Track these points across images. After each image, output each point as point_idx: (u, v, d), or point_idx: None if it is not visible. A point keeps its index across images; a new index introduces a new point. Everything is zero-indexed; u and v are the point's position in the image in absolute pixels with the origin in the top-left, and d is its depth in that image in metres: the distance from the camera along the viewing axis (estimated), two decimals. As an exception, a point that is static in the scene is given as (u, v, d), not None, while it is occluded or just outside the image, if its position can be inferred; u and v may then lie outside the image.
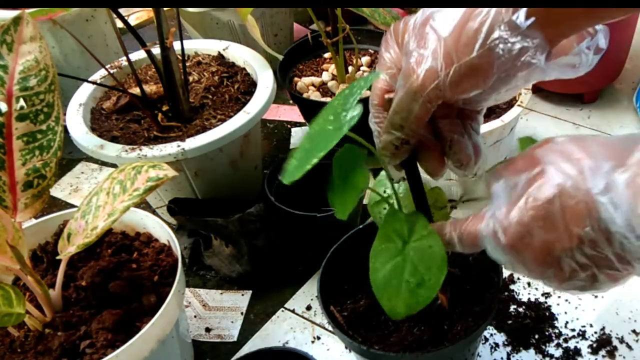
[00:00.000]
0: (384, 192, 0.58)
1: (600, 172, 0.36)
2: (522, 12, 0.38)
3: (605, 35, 0.44)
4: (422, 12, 0.44)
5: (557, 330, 0.76)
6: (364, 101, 0.43)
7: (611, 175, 0.36)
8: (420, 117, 0.44)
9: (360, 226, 0.70)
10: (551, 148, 0.40)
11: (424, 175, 0.51)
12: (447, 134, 0.47)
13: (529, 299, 0.79)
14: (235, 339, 0.82)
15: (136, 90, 0.92)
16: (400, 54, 0.46)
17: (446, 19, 0.41)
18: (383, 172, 0.57)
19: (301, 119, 1.18)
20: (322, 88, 1.08)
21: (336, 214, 0.49)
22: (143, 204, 1.01)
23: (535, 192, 0.39)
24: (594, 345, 0.74)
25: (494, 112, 0.90)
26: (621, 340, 0.74)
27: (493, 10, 0.39)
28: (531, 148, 0.41)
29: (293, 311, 0.85)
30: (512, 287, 0.81)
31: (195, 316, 0.86)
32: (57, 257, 0.64)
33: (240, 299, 0.88)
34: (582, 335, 0.75)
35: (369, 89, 0.46)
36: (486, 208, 0.44)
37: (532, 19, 0.38)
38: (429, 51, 0.41)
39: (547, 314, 0.78)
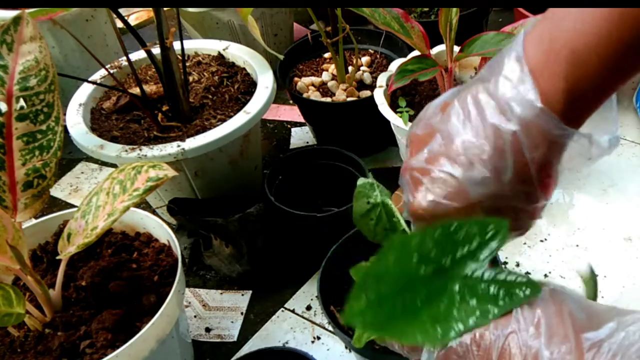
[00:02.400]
0: (368, 202, 0.58)
1: (557, 337, 0.35)
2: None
3: None
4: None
5: (557, 330, 0.76)
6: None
7: (562, 345, 0.35)
8: None
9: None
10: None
11: None
12: None
13: (529, 299, 0.79)
14: (235, 339, 0.82)
15: (136, 90, 0.92)
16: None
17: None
18: (362, 180, 0.56)
19: (301, 119, 1.18)
20: (322, 88, 1.08)
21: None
22: (143, 204, 1.01)
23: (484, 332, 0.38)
24: (594, 345, 0.74)
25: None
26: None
27: None
28: None
29: (293, 311, 0.85)
30: (512, 287, 0.81)
31: (195, 316, 0.86)
32: (57, 257, 0.64)
33: (240, 299, 0.88)
34: (582, 335, 0.75)
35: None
36: None
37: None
38: None
39: (547, 314, 0.78)
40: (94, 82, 0.96)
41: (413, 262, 0.37)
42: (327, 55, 1.15)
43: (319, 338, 0.81)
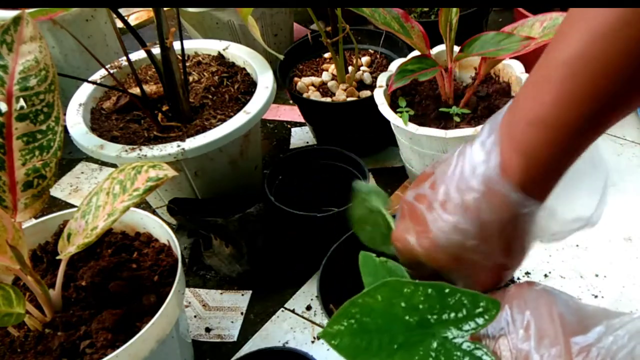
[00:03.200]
0: (366, 208, 0.55)
1: (547, 339, 0.36)
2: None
3: None
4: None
5: (557, 330, 0.76)
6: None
7: (552, 347, 0.36)
8: None
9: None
10: (522, 295, 0.40)
11: None
12: None
13: (529, 299, 0.79)
14: (235, 339, 0.82)
15: (136, 90, 0.92)
16: None
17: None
18: (360, 184, 0.55)
19: (301, 119, 1.18)
20: (322, 88, 1.08)
21: None
22: (143, 204, 1.01)
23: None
24: (594, 345, 0.74)
25: (492, 112, 0.90)
26: (621, 340, 0.74)
27: None
28: (516, 286, 0.42)
29: (293, 311, 0.85)
30: (512, 287, 0.81)
31: (195, 316, 0.86)
32: (57, 257, 0.64)
33: (240, 299, 0.88)
34: (582, 335, 0.75)
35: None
36: None
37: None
38: None
39: (547, 314, 0.78)
40: (94, 82, 0.96)
41: (401, 306, 0.38)
42: (327, 55, 1.15)
43: (319, 338, 0.81)
